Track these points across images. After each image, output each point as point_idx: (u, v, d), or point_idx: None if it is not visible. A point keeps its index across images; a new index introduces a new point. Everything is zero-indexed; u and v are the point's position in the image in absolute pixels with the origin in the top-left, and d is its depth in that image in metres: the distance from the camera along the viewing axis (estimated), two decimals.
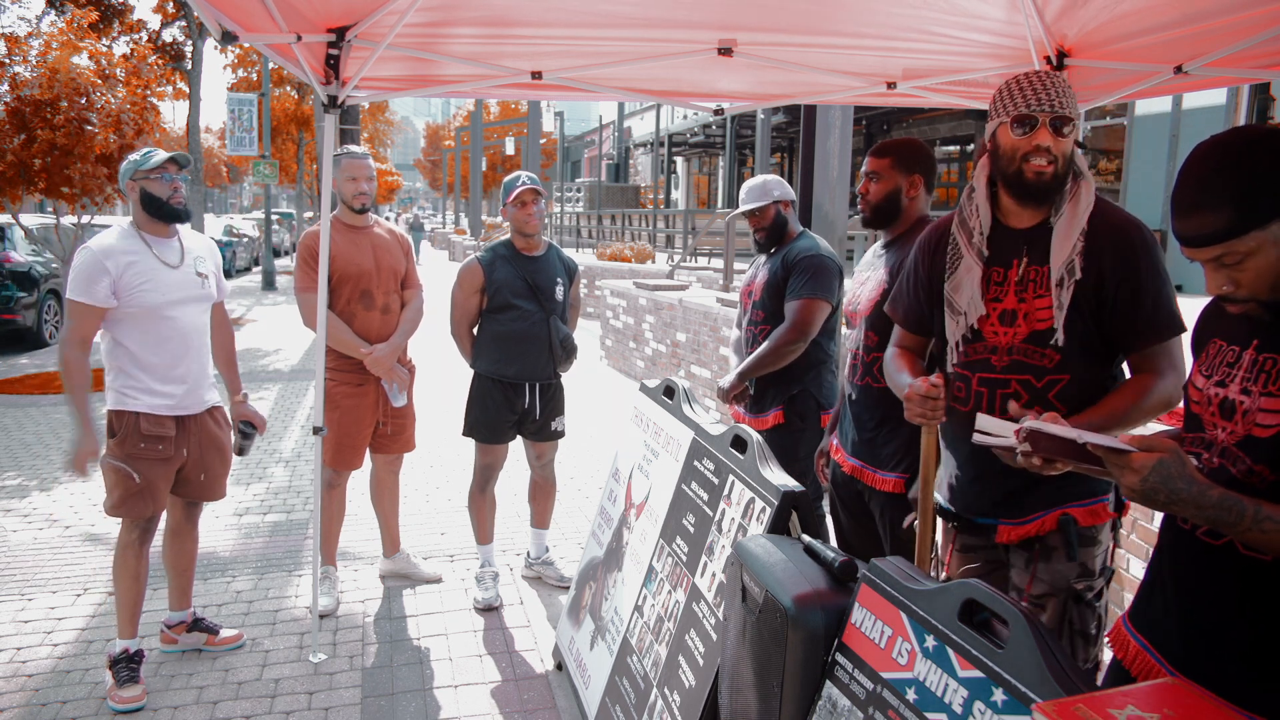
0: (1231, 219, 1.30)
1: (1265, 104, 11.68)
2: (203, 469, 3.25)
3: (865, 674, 1.61)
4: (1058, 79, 1.93)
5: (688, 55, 3.48)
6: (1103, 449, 1.37)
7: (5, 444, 6.51)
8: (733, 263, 11.35)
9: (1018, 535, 2.06)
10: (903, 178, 2.67)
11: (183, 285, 3.12)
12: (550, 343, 3.80)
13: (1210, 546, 1.41)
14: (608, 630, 2.89)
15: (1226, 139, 1.36)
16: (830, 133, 5.35)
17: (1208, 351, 1.51)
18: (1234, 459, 1.38)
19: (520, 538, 4.62)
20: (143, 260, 3.03)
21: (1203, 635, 1.42)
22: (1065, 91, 1.92)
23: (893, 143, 2.73)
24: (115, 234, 3.06)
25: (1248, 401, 1.37)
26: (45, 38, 9.13)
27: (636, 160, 42.09)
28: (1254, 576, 1.36)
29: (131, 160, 3.09)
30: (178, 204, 3.10)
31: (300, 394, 8.49)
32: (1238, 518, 1.28)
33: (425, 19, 3.08)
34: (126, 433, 3.05)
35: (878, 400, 2.63)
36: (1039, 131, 1.91)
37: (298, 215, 25.33)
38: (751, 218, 3.47)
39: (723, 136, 28.36)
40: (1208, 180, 1.34)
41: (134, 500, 3.07)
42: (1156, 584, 1.54)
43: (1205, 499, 1.29)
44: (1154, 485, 1.30)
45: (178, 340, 3.10)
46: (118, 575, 3.14)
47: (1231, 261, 1.34)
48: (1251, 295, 1.35)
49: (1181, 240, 1.37)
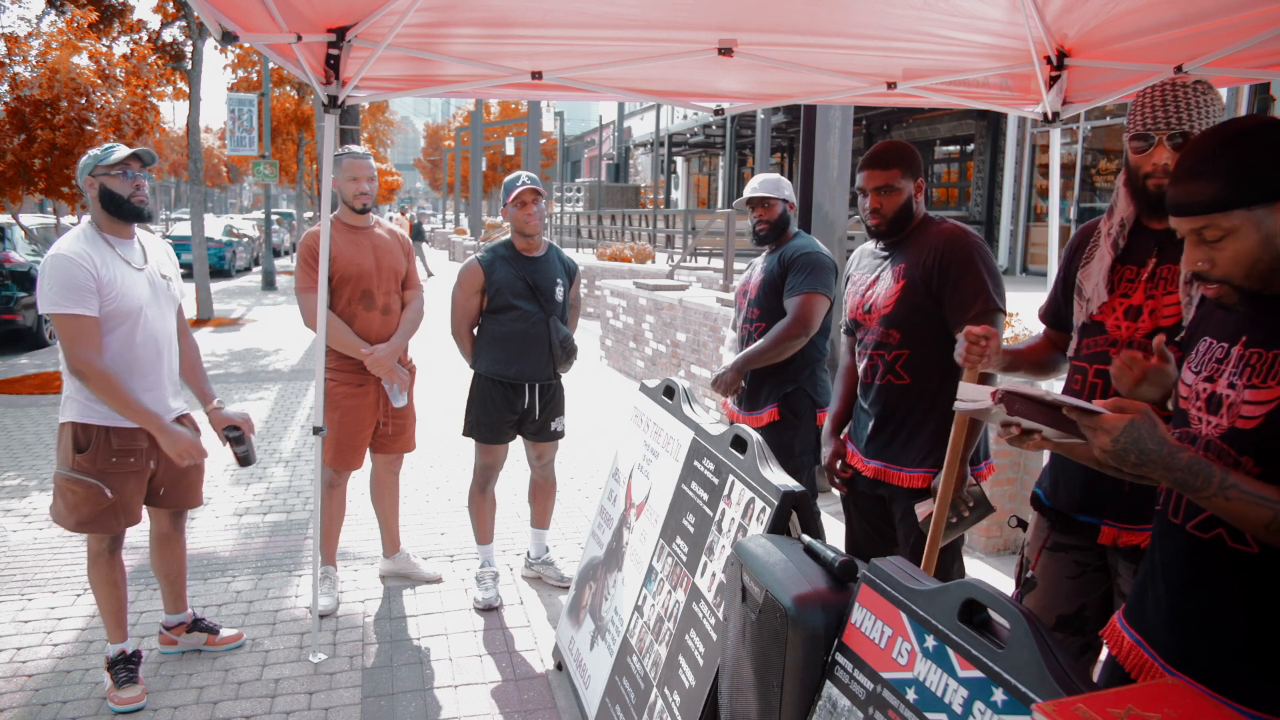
0: (1220, 192, 1.33)
1: (1265, 104, 11.68)
2: (170, 479, 3.10)
3: (865, 674, 1.61)
4: (1184, 91, 1.89)
5: (688, 55, 3.49)
6: (1076, 410, 1.39)
7: (5, 444, 6.51)
8: (733, 262, 11.34)
9: (1125, 541, 2.00)
10: (911, 185, 2.63)
11: (150, 288, 2.96)
12: (550, 343, 3.80)
13: (1200, 540, 1.42)
14: (608, 630, 2.89)
15: (1232, 122, 1.40)
16: (830, 133, 5.35)
17: (1197, 350, 1.52)
18: (1219, 452, 1.39)
19: (520, 538, 4.62)
20: (112, 263, 2.86)
21: (1195, 630, 1.42)
22: (1189, 105, 1.88)
23: (893, 151, 2.64)
24: (80, 237, 2.85)
25: (1233, 395, 1.39)
26: (45, 38, 9.14)
27: (636, 160, 42.08)
28: (1243, 570, 1.36)
29: (91, 155, 2.91)
30: (139, 203, 2.91)
31: (300, 394, 8.49)
32: (1205, 483, 1.29)
33: (425, 19, 3.09)
34: (97, 448, 2.88)
35: (900, 398, 2.62)
36: (1156, 150, 1.92)
37: (298, 215, 25.31)
38: (759, 207, 3.49)
39: (723, 136, 28.35)
40: (1208, 152, 1.36)
41: (105, 516, 2.92)
42: (1148, 579, 1.55)
43: (1175, 461, 1.31)
44: (1125, 445, 1.32)
45: (150, 345, 2.95)
46: (95, 585, 3.04)
47: (1212, 237, 1.36)
48: (1225, 277, 1.37)
49: (1171, 207, 1.40)
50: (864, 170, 2.66)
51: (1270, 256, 1.33)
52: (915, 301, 2.56)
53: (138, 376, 2.92)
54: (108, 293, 2.82)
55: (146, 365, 2.95)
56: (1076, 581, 2.12)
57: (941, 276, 2.52)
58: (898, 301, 2.59)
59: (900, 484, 2.63)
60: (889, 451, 2.66)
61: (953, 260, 2.52)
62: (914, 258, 2.58)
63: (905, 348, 2.58)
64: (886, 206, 2.62)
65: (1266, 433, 1.32)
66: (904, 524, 2.65)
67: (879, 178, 2.62)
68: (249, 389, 8.67)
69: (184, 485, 3.18)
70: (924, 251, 2.57)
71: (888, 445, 2.66)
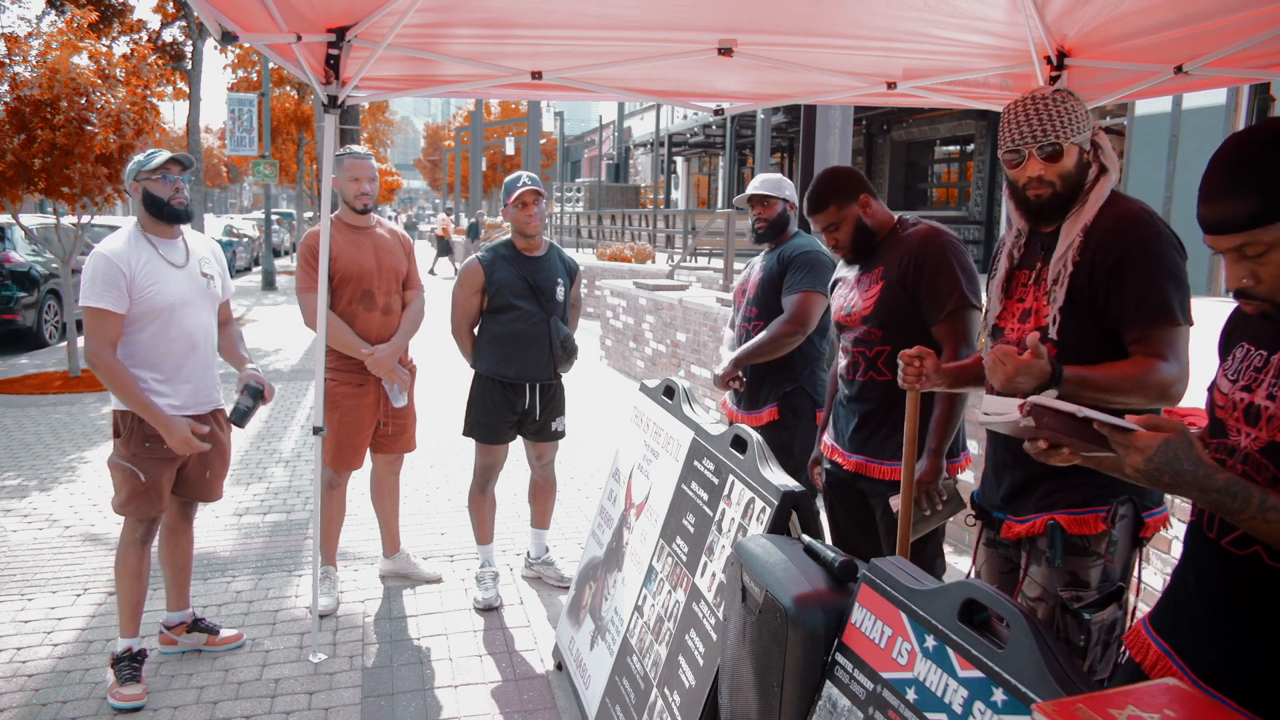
0: (1257, 206, 1.26)
1: (1265, 104, 11.66)
2: (205, 468, 3.26)
3: (865, 674, 1.61)
4: (1046, 104, 1.96)
5: (688, 55, 3.49)
6: (1107, 426, 1.33)
7: (5, 444, 6.51)
8: (733, 262, 11.34)
9: (1014, 533, 2.10)
10: (852, 208, 2.70)
11: (189, 285, 3.14)
12: (551, 343, 3.80)
13: (1235, 556, 1.37)
14: (608, 630, 2.89)
15: (1259, 129, 1.32)
16: (830, 133, 5.36)
17: (1234, 355, 1.46)
18: (1258, 466, 1.34)
19: (520, 538, 4.62)
20: (151, 261, 3.05)
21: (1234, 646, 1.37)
22: (1054, 115, 1.95)
23: (820, 191, 2.72)
24: (123, 237, 3.08)
25: (1273, 407, 1.33)
26: (45, 38, 9.11)
27: (636, 160, 42.07)
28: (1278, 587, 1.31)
29: (136, 161, 3.12)
30: (179, 205, 3.11)
31: (300, 394, 8.49)
32: (1243, 504, 1.24)
33: (425, 19, 3.09)
34: (130, 433, 3.07)
35: (882, 394, 2.65)
36: (1028, 163, 2.00)
37: (298, 215, 25.32)
38: (759, 205, 3.50)
39: (723, 136, 28.33)
40: (1237, 166, 1.29)
41: (140, 499, 3.09)
42: (1180, 592, 1.50)
43: (1211, 482, 1.25)
44: (1159, 465, 1.26)
45: (184, 340, 3.11)
46: (120, 573, 3.15)
47: (1254, 253, 1.29)
48: (1271, 293, 1.30)
49: (1205, 227, 1.33)
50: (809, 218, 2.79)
51: None
52: (893, 302, 2.61)
53: (170, 369, 3.09)
54: (141, 291, 3.01)
55: (178, 359, 3.12)
56: (1009, 577, 2.18)
57: (917, 276, 2.57)
58: (877, 303, 2.63)
59: (881, 477, 2.66)
60: (870, 446, 2.70)
61: (927, 260, 2.57)
62: (891, 260, 2.65)
63: (887, 344, 2.63)
64: (841, 239, 2.75)
65: None
66: (885, 520, 2.69)
67: (819, 220, 2.75)
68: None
69: (208, 479, 3.30)
70: (900, 254, 2.63)
71: (869, 440, 2.70)
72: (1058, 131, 1.95)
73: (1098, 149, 2.02)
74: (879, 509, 2.71)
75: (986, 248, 18.19)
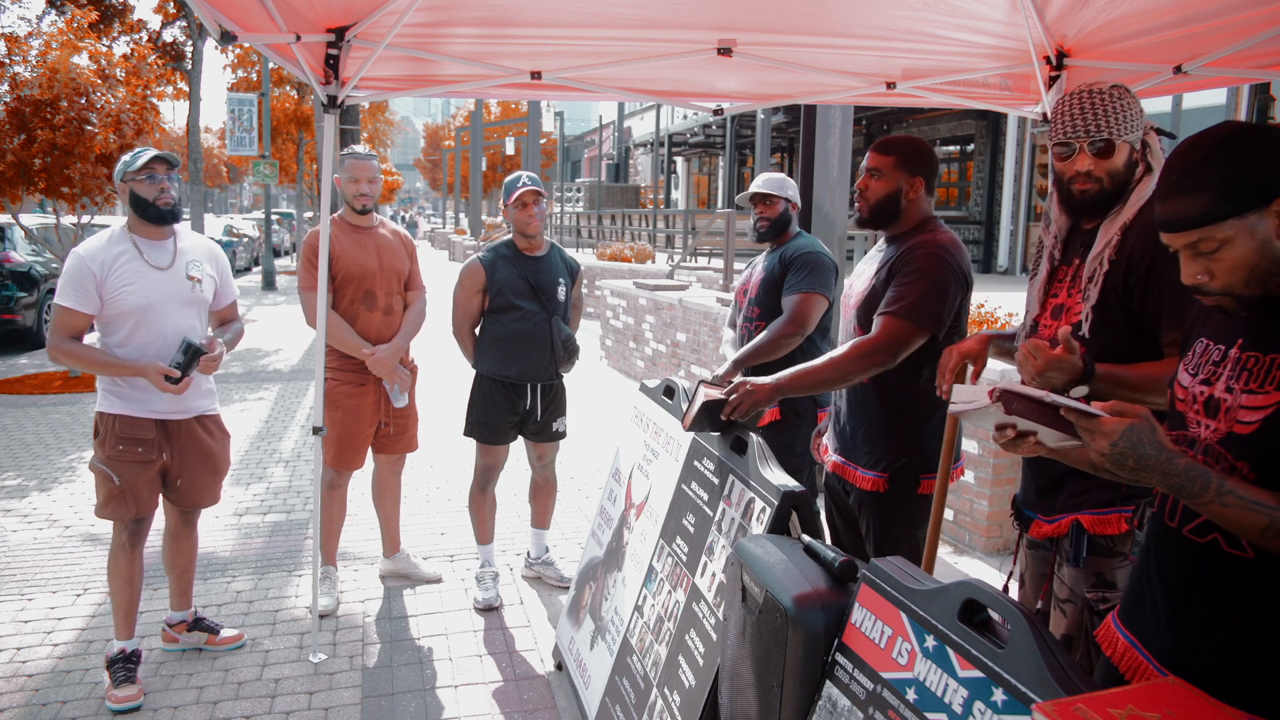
0: (1210, 204, 1.31)
1: (1265, 104, 11.67)
2: (182, 474, 3.18)
3: (865, 674, 1.61)
4: (1101, 98, 1.93)
5: (687, 55, 3.49)
6: (1074, 412, 1.37)
7: (5, 444, 6.51)
8: (733, 262, 11.34)
9: (1043, 533, 2.10)
10: (905, 179, 2.58)
11: (169, 288, 3.06)
12: (552, 343, 3.80)
13: (1194, 544, 1.41)
14: (608, 630, 2.89)
15: (1213, 130, 1.38)
16: (830, 133, 5.35)
17: (1194, 350, 1.51)
18: (1217, 456, 1.39)
19: (520, 538, 4.62)
20: (129, 263, 3.00)
21: (1193, 634, 1.42)
22: (1107, 111, 1.92)
23: (897, 140, 2.63)
24: (103, 237, 3.05)
25: (1230, 399, 1.38)
26: (45, 38, 9.12)
27: (636, 160, 42.08)
28: (1239, 575, 1.36)
29: (122, 162, 3.07)
30: (165, 205, 3.05)
31: (300, 394, 8.49)
32: (1202, 489, 1.29)
33: (424, 19, 3.09)
34: (106, 434, 3.05)
35: (861, 396, 2.63)
36: (1078, 157, 1.97)
37: (298, 215, 25.30)
38: (761, 204, 3.49)
39: (723, 136, 28.35)
40: (1191, 166, 1.35)
41: (116, 502, 3.06)
42: (1143, 581, 1.54)
43: (1172, 466, 1.30)
44: (1124, 450, 1.31)
45: (160, 343, 3.02)
46: (111, 577, 3.14)
47: (1208, 249, 1.34)
48: (1225, 288, 1.35)
49: (1161, 225, 1.39)
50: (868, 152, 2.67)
51: (1267, 261, 1.32)
52: (875, 302, 2.55)
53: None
54: (112, 293, 2.98)
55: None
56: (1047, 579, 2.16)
57: (890, 275, 2.53)
58: (865, 300, 2.61)
59: (854, 482, 2.64)
60: (848, 448, 2.68)
61: (907, 262, 2.50)
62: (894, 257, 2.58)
63: None
64: (871, 190, 2.60)
65: (1263, 439, 1.32)
66: (864, 520, 2.66)
67: (873, 159, 2.62)
68: (249, 389, 8.67)
69: (199, 482, 3.24)
70: (898, 253, 2.56)
71: (849, 442, 2.68)
72: (1111, 128, 1.92)
73: (1146, 148, 2.00)
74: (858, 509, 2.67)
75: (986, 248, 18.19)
